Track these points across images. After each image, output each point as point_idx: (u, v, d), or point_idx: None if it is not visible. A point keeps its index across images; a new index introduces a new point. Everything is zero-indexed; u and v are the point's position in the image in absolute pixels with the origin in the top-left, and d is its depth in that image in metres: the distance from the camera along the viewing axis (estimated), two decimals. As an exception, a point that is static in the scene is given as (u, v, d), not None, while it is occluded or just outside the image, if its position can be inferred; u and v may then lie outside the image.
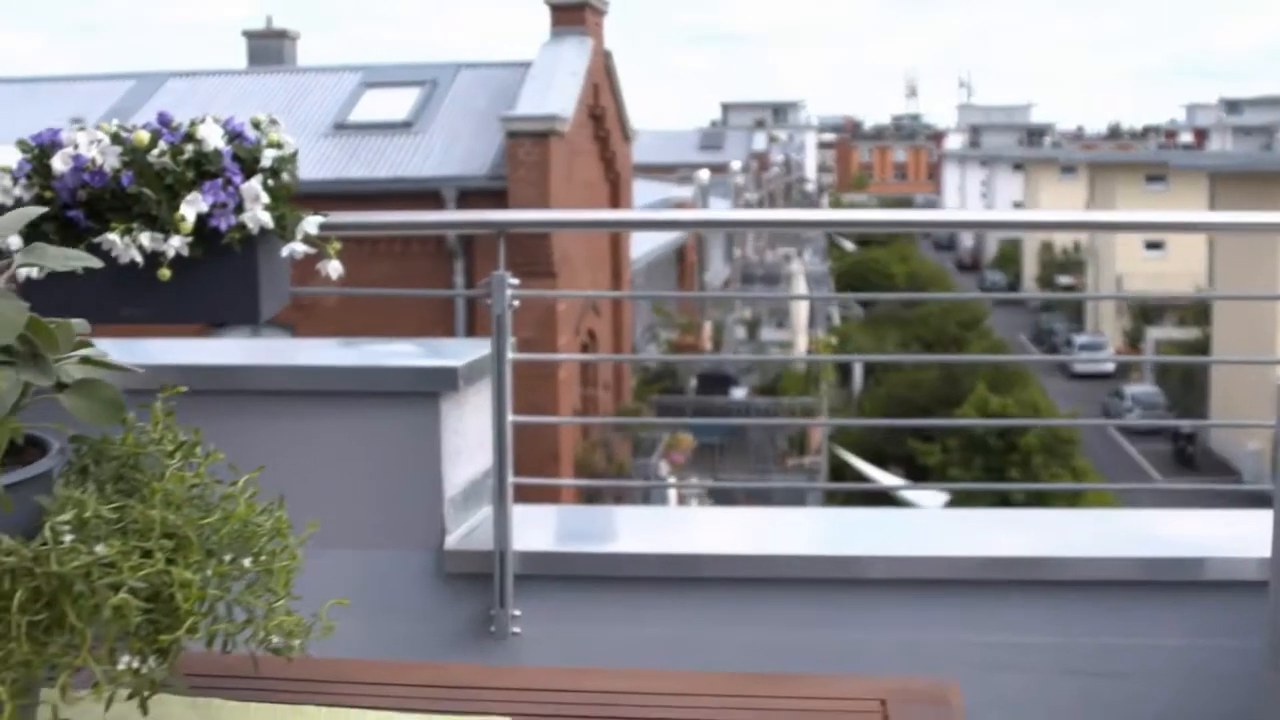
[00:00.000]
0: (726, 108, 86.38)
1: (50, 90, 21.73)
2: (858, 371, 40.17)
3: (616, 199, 22.22)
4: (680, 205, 34.00)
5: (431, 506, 4.02)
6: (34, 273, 2.55)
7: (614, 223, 8.32)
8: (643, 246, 27.71)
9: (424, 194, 17.60)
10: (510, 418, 4.05)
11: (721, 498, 24.96)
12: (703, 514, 5.38)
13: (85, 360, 1.51)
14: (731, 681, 1.74)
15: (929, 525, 4.97)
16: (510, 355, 3.99)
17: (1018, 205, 75.08)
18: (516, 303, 4.02)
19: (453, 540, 4.06)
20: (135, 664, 1.35)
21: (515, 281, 3.99)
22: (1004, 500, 25.24)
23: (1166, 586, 4.11)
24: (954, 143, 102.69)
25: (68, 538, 1.29)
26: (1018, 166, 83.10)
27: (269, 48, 22.88)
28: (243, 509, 1.44)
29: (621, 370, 23.22)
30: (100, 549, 1.29)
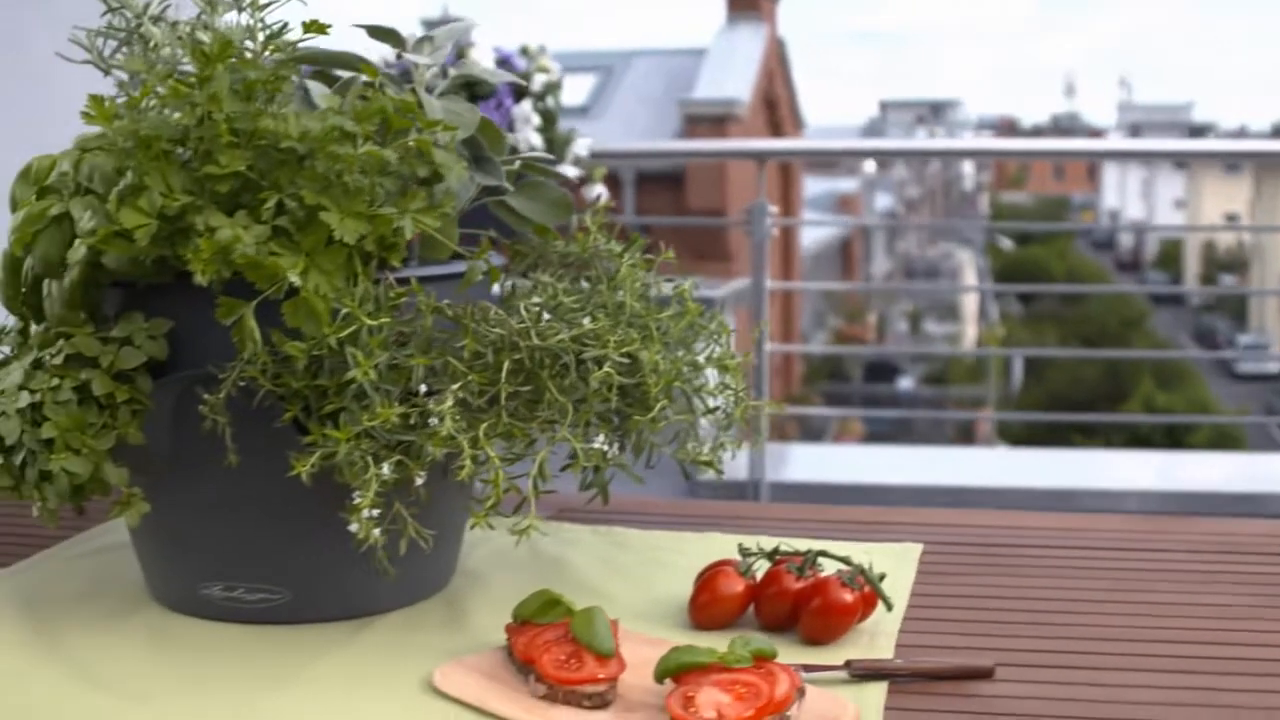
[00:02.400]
0: (885, 106, 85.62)
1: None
2: (1017, 366, 39.72)
3: (787, 188, 22.15)
4: (846, 198, 33.90)
5: (685, 436, 4.04)
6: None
7: (870, 152, 8.44)
8: (808, 237, 27.71)
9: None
10: (768, 346, 4.07)
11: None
12: (947, 450, 5.35)
13: (527, 164, 1.53)
14: (1129, 520, 1.73)
15: (1170, 462, 4.93)
16: (768, 284, 4.00)
17: (1180, 204, 73.56)
18: (776, 231, 4.03)
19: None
20: (605, 447, 1.36)
21: (775, 210, 4.00)
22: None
23: None
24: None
25: (545, 316, 1.31)
26: (1180, 165, 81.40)
27: (446, 36, 23.11)
28: (692, 307, 1.45)
29: (791, 358, 23.19)
30: (586, 322, 1.30)
